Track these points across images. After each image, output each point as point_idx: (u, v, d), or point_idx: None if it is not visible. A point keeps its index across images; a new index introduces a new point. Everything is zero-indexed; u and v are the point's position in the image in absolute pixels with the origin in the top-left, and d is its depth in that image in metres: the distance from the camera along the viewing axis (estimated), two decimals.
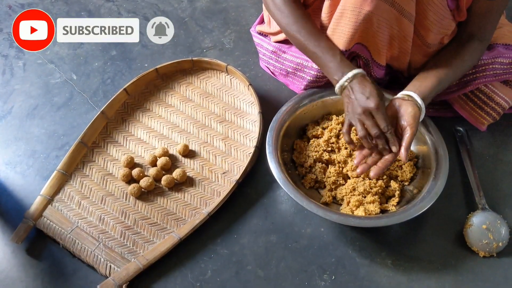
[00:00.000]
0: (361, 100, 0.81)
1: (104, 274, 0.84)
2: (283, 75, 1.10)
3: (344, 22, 0.86)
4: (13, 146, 1.04)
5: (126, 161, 0.97)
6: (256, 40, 1.14)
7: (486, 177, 0.96)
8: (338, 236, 0.90)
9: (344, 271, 0.86)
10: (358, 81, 0.82)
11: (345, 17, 0.85)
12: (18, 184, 0.97)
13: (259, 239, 0.90)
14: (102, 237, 0.88)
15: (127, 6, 1.34)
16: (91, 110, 1.10)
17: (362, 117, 0.81)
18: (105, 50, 1.23)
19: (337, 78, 0.84)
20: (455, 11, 0.86)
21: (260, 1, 1.33)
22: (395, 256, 0.87)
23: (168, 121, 1.06)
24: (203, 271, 0.86)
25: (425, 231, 0.90)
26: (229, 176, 0.97)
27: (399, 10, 0.83)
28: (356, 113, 0.82)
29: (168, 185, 0.95)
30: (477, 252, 0.87)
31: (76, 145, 0.98)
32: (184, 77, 1.13)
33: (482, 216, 0.88)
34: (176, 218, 0.91)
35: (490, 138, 1.03)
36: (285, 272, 0.86)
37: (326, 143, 0.96)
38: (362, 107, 0.81)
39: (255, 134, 1.01)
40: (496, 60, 0.92)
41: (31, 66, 1.19)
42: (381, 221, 0.83)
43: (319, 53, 0.87)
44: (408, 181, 0.93)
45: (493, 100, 0.97)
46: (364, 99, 0.81)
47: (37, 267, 0.86)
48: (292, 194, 0.84)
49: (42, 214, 0.91)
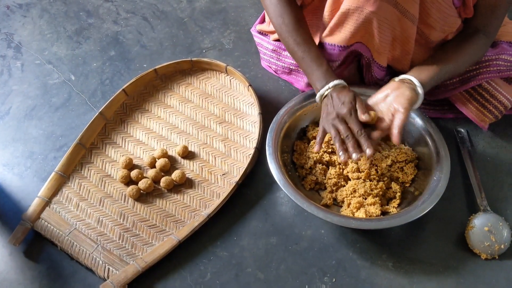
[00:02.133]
0: (336, 106, 0.84)
1: (102, 276, 0.84)
2: (286, 73, 1.10)
3: (346, 21, 0.85)
4: (11, 148, 1.03)
5: (125, 162, 0.96)
6: (257, 39, 1.14)
7: (487, 179, 0.96)
8: (338, 238, 0.89)
9: (344, 274, 0.85)
10: (337, 91, 0.85)
11: (347, 16, 0.85)
12: (16, 185, 0.97)
13: (259, 241, 0.89)
14: (100, 239, 0.88)
15: (126, 6, 1.33)
16: (90, 111, 1.09)
17: (335, 122, 0.83)
18: (104, 50, 1.22)
19: (319, 87, 0.88)
20: (461, 8, 0.86)
21: (259, 1, 1.32)
22: (396, 258, 0.87)
23: (167, 122, 1.05)
24: (203, 274, 0.85)
25: (427, 233, 0.90)
26: (229, 178, 0.96)
27: (401, 12, 0.82)
28: (330, 118, 0.84)
29: (167, 186, 0.94)
30: (479, 254, 0.86)
31: (74, 146, 0.97)
32: (183, 77, 1.12)
33: (484, 218, 0.87)
34: (175, 220, 0.91)
35: (491, 139, 1.03)
36: (285, 274, 0.85)
37: (327, 145, 0.95)
38: (336, 112, 0.83)
39: (255, 135, 1.00)
40: (500, 57, 0.92)
41: (29, 66, 1.19)
42: (382, 223, 0.82)
43: (307, 60, 0.89)
44: (409, 182, 0.92)
45: (495, 98, 0.96)
46: (339, 105, 0.83)
47: (35, 269, 0.86)
48: (292, 196, 0.84)
49: (40, 216, 0.90)
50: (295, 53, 0.90)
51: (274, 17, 0.91)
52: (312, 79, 0.89)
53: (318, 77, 0.88)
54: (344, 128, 0.82)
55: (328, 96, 0.86)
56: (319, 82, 0.88)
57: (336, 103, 0.84)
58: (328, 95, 0.86)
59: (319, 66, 0.88)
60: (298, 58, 0.90)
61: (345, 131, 0.82)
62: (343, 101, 0.83)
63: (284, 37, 0.91)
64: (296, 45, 0.89)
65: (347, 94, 0.84)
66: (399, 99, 0.82)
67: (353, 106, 0.83)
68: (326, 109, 0.86)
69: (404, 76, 0.86)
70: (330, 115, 0.84)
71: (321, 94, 0.87)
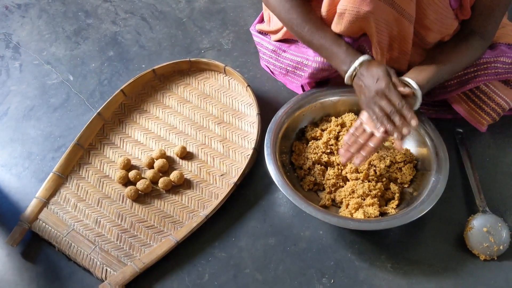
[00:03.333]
0: (371, 85, 0.81)
1: (100, 277, 0.84)
2: (283, 74, 1.09)
3: (343, 22, 0.85)
4: (9, 148, 1.03)
5: (123, 163, 0.96)
6: (256, 39, 1.13)
7: (486, 179, 0.96)
8: (337, 239, 0.89)
9: (343, 275, 0.85)
10: (365, 67, 0.83)
11: (343, 16, 0.84)
12: (14, 186, 0.96)
13: (257, 242, 0.89)
14: (98, 240, 0.87)
15: (125, 7, 1.33)
16: (88, 111, 1.09)
17: (376, 99, 0.81)
18: (102, 50, 1.22)
19: (345, 69, 0.85)
20: (458, 10, 0.86)
21: (258, 1, 1.32)
22: (395, 259, 0.87)
23: (165, 122, 1.05)
24: (201, 275, 0.85)
25: (425, 234, 0.89)
26: (227, 178, 0.96)
27: (398, 11, 0.82)
28: (370, 97, 0.82)
29: (165, 187, 0.94)
30: (477, 255, 0.86)
31: (73, 147, 0.97)
32: (181, 78, 1.12)
33: (483, 219, 0.87)
34: (173, 221, 0.90)
35: (490, 139, 1.03)
36: (284, 275, 0.85)
37: (325, 145, 0.95)
38: (375, 90, 0.81)
39: (253, 136, 1.00)
40: (498, 59, 0.91)
41: (27, 67, 1.19)
42: (380, 224, 0.82)
43: (326, 45, 0.87)
44: (407, 183, 0.92)
45: (493, 101, 0.96)
46: (373, 83, 0.81)
47: (32, 270, 0.85)
48: (290, 197, 0.84)
49: (37, 216, 0.90)
50: (311, 42, 0.89)
51: (283, 13, 0.90)
52: (336, 63, 0.87)
53: (340, 59, 0.86)
54: (386, 104, 0.80)
55: (358, 75, 0.84)
56: (343, 64, 0.85)
57: (370, 81, 0.81)
58: (357, 74, 0.84)
59: (339, 48, 0.86)
60: (317, 47, 0.89)
61: (388, 107, 0.80)
62: (378, 76, 0.81)
63: (296, 30, 0.89)
64: (311, 34, 0.88)
65: (378, 68, 0.82)
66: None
67: (389, 79, 0.81)
68: (361, 90, 0.83)
69: (402, 78, 0.85)
70: (370, 94, 0.81)
71: (348, 75, 0.85)
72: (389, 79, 0.81)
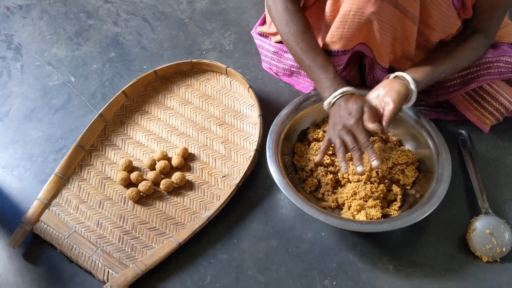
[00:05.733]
0: (344, 117, 0.82)
1: (102, 279, 0.83)
2: (287, 75, 1.09)
3: (347, 23, 0.85)
4: (10, 149, 1.03)
5: (125, 164, 0.96)
6: (257, 41, 1.13)
7: (489, 181, 0.95)
8: (339, 240, 0.89)
9: (345, 277, 0.85)
10: (344, 99, 0.84)
11: (348, 17, 0.84)
12: (15, 188, 0.96)
13: (259, 243, 0.89)
14: (100, 242, 0.87)
15: (126, 8, 1.33)
16: (89, 112, 1.09)
17: (342, 133, 0.82)
18: (104, 52, 1.22)
19: (327, 95, 0.86)
20: (461, 9, 0.86)
21: (260, 2, 1.32)
22: (397, 261, 0.86)
23: (167, 124, 1.05)
24: (203, 277, 0.85)
25: (428, 236, 0.89)
26: (229, 180, 0.96)
27: (402, 12, 0.82)
28: (337, 129, 0.83)
29: (167, 189, 0.93)
30: (480, 257, 0.86)
31: (74, 148, 0.97)
32: (183, 79, 1.12)
33: (485, 221, 0.87)
34: (175, 223, 0.90)
35: (492, 141, 1.02)
36: (286, 277, 0.85)
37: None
38: (343, 123, 0.82)
39: (255, 137, 1.00)
40: (501, 59, 0.91)
41: (28, 68, 1.18)
42: (382, 226, 0.82)
43: (314, 68, 0.88)
44: (410, 185, 0.92)
45: (497, 100, 0.96)
46: (346, 116, 0.82)
47: (34, 272, 0.85)
48: (292, 199, 0.83)
49: (39, 218, 0.90)
50: (302, 61, 0.89)
51: (280, 26, 0.90)
52: (320, 88, 0.88)
53: (325, 85, 0.86)
54: (350, 139, 0.81)
55: (336, 104, 0.84)
56: (327, 90, 0.86)
57: (343, 113, 0.82)
58: (336, 103, 0.84)
59: (327, 74, 0.86)
60: (306, 67, 0.89)
61: (351, 143, 0.81)
62: (351, 111, 0.81)
63: (291, 45, 0.90)
64: (303, 53, 0.88)
65: (355, 103, 0.82)
66: (389, 92, 0.83)
67: (360, 116, 0.81)
68: (333, 119, 0.84)
69: (398, 73, 0.86)
70: (337, 126, 0.83)
71: (328, 102, 0.85)
72: (361, 116, 0.81)
